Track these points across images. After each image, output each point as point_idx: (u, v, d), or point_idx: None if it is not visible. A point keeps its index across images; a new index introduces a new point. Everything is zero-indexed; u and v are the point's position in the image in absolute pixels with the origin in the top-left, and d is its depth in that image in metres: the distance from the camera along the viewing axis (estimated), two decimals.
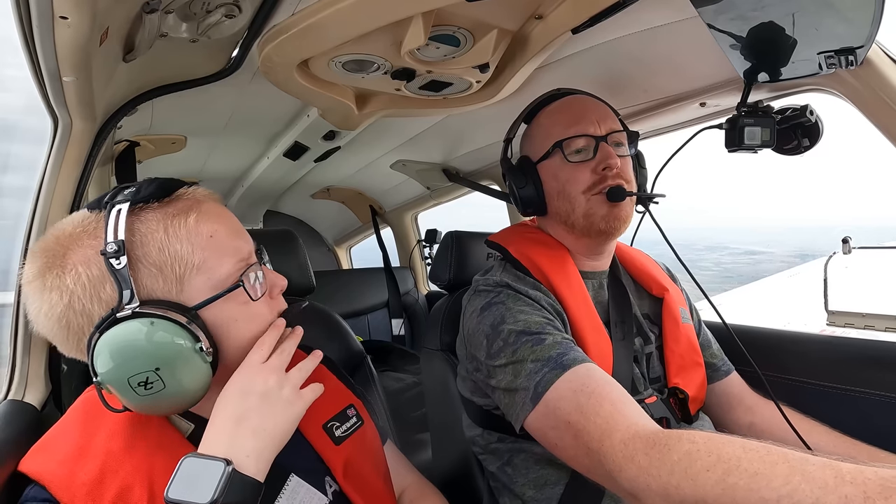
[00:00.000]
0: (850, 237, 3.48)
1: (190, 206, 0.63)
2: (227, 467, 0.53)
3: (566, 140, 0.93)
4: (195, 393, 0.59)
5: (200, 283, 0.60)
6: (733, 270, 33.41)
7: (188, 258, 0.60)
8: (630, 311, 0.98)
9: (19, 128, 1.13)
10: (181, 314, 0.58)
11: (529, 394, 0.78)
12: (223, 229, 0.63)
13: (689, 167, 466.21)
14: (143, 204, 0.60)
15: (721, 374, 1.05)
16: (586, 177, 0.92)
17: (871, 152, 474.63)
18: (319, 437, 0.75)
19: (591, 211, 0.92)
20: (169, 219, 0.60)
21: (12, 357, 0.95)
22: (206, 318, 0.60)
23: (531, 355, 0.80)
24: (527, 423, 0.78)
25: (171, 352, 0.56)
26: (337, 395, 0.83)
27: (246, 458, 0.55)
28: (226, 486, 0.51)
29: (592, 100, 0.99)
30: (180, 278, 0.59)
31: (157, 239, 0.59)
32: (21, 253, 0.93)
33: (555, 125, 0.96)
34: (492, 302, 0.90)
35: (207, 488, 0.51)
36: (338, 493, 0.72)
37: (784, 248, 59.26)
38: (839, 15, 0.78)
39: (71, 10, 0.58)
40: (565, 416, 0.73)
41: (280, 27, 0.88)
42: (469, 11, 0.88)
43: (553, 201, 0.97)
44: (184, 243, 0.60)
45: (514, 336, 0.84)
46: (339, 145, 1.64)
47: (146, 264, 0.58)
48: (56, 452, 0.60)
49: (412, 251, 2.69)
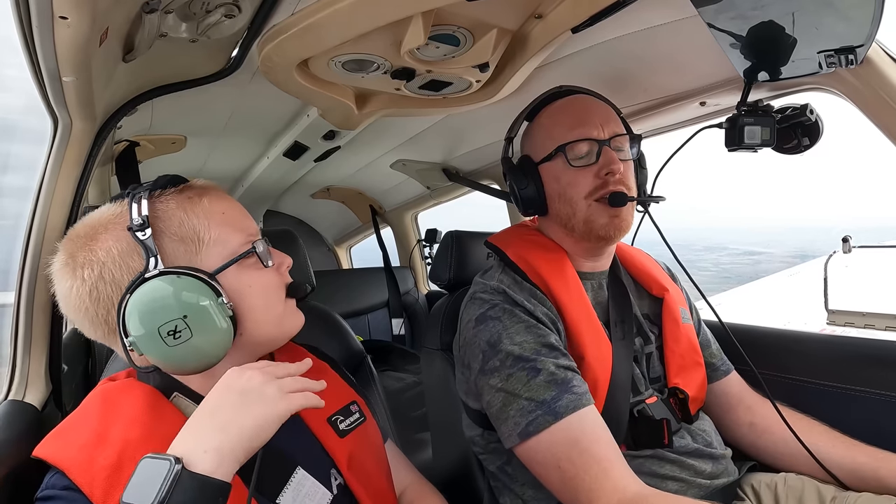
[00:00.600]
0: (851, 236, 3.47)
1: (202, 191, 0.71)
2: (174, 466, 0.50)
3: (569, 144, 0.92)
4: (218, 347, 0.63)
5: (216, 254, 0.67)
6: (732, 271, 33.51)
7: (205, 232, 0.67)
8: (630, 310, 0.98)
9: (19, 128, 1.13)
10: (203, 274, 0.64)
11: (519, 429, 0.81)
12: (233, 209, 0.72)
13: (689, 167, 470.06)
14: (160, 191, 0.68)
15: (720, 373, 1.05)
16: (588, 181, 0.92)
17: (872, 152, 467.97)
18: (324, 430, 0.76)
19: (592, 217, 0.92)
20: (186, 201, 0.69)
21: (13, 357, 0.96)
22: (223, 283, 0.66)
23: (525, 391, 0.82)
24: (514, 450, 0.84)
25: (196, 301, 0.61)
26: (340, 391, 0.84)
27: (203, 454, 0.52)
28: (171, 487, 0.49)
29: (595, 100, 0.98)
30: (198, 250, 0.67)
31: (177, 216, 0.67)
32: (21, 253, 0.93)
33: (557, 126, 0.95)
34: (487, 315, 0.90)
35: (153, 490, 0.49)
36: (342, 487, 0.73)
37: (783, 248, 59.33)
38: (839, 14, 0.78)
39: (71, 10, 0.58)
40: (554, 461, 0.78)
41: (280, 27, 0.88)
42: (469, 11, 0.88)
43: (554, 203, 0.97)
44: (201, 219, 0.68)
45: (510, 360, 0.85)
46: (338, 145, 1.64)
47: (169, 235, 0.66)
48: (75, 439, 0.61)
49: (412, 251, 2.69)
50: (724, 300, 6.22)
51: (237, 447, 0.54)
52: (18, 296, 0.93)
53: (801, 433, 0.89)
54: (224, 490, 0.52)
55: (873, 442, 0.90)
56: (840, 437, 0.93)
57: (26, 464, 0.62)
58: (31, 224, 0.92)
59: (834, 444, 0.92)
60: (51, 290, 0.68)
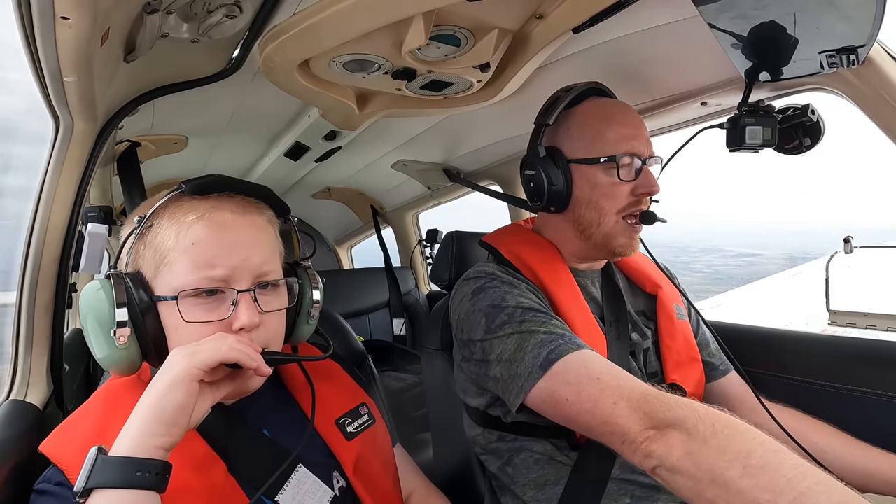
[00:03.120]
0: (852, 237, 3.47)
1: (208, 207, 0.65)
2: (93, 454, 0.53)
3: (623, 157, 0.90)
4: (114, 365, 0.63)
5: (164, 281, 0.64)
6: (724, 272, 33.84)
7: (167, 252, 0.63)
8: (624, 309, 0.98)
9: (21, 129, 1.13)
10: (142, 290, 0.63)
11: (540, 360, 0.77)
12: (211, 244, 0.63)
13: (688, 171, 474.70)
14: (187, 193, 0.66)
15: (719, 373, 1.05)
16: (624, 197, 0.91)
17: (872, 152, 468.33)
18: (331, 432, 0.76)
19: (615, 234, 0.92)
20: (181, 211, 0.65)
21: (14, 357, 0.96)
22: (163, 311, 0.64)
23: (542, 328, 0.81)
24: (534, 389, 0.77)
25: (89, 314, 0.62)
26: (350, 392, 0.84)
27: (125, 438, 0.54)
28: (90, 471, 0.52)
29: (637, 113, 0.97)
30: (160, 267, 0.64)
31: (161, 224, 0.65)
32: (23, 253, 0.93)
33: (609, 131, 0.91)
34: (484, 286, 0.90)
35: (83, 477, 0.52)
36: (344, 490, 0.73)
37: (778, 250, 59.50)
38: (840, 14, 0.78)
39: (72, 10, 0.58)
40: (589, 376, 0.73)
41: (281, 27, 0.88)
42: (470, 11, 0.88)
43: (580, 207, 0.94)
44: (171, 235, 0.64)
45: (520, 311, 0.84)
46: (339, 145, 1.64)
47: (149, 238, 0.65)
48: (75, 436, 0.62)
49: (413, 251, 2.69)
50: (726, 301, 6.22)
51: (157, 428, 0.54)
52: (20, 296, 0.93)
53: (808, 435, 0.89)
54: (146, 465, 0.53)
55: (873, 442, 0.90)
56: (847, 438, 0.92)
57: (28, 464, 0.62)
58: (32, 224, 0.92)
59: (837, 445, 0.92)
60: (53, 290, 0.69)
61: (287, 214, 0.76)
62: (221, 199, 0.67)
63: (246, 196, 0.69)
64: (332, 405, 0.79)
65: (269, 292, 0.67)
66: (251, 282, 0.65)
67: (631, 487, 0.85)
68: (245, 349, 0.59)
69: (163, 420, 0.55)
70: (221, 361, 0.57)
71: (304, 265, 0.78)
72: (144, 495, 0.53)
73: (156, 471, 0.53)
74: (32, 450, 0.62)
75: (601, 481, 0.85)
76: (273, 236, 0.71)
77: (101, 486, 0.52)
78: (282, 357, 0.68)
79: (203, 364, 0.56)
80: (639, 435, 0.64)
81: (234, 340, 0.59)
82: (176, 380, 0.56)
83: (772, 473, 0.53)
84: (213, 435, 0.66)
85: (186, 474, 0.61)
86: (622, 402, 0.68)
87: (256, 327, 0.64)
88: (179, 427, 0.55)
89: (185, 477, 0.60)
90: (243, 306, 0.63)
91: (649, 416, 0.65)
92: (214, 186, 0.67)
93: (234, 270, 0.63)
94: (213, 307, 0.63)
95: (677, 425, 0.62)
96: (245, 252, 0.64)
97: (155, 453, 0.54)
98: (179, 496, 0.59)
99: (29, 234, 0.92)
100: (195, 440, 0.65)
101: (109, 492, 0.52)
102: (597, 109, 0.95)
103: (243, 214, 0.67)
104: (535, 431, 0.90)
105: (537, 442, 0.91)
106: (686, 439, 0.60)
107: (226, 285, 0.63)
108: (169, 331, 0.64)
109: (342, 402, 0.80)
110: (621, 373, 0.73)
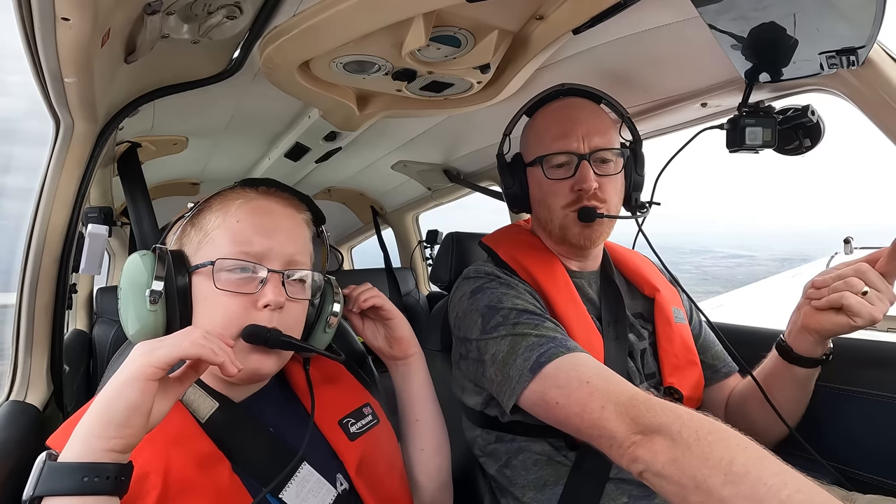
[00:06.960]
0: (853, 237, 3.47)
1: (255, 195, 0.73)
2: (43, 459, 0.51)
3: (548, 156, 0.95)
4: (137, 327, 0.66)
5: (204, 254, 0.68)
6: (711, 273, 34.30)
7: (212, 229, 0.69)
8: (623, 310, 0.98)
9: (22, 131, 1.13)
10: (181, 264, 0.67)
11: (530, 363, 0.78)
12: (253, 223, 0.69)
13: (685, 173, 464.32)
14: (241, 187, 0.73)
15: (720, 375, 1.05)
16: (565, 193, 0.94)
17: (871, 152, 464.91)
18: (334, 433, 0.76)
19: (566, 226, 0.95)
20: (230, 198, 0.71)
21: (14, 358, 0.96)
22: (195, 283, 0.67)
23: (534, 331, 0.82)
24: (525, 392, 0.78)
25: (129, 280, 0.66)
26: (354, 392, 0.84)
27: (73, 442, 0.52)
28: (37, 479, 0.50)
29: (588, 108, 0.98)
30: (201, 242, 0.69)
31: (212, 207, 0.71)
32: (23, 253, 0.93)
33: (543, 133, 0.98)
34: (483, 287, 0.93)
35: (31, 484, 0.50)
36: (347, 491, 0.73)
37: (768, 252, 59.64)
38: (840, 15, 0.78)
39: (72, 11, 0.58)
40: (576, 379, 0.74)
41: (281, 28, 0.88)
42: (470, 12, 0.88)
43: (536, 206, 1.01)
44: (216, 216, 0.70)
45: (515, 313, 0.85)
46: (340, 146, 1.64)
47: (196, 221, 0.71)
48: None
49: (413, 252, 2.69)
50: (727, 301, 6.21)
51: (106, 431, 0.51)
52: (20, 296, 0.93)
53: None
54: (95, 470, 0.50)
55: (873, 442, 0.90)
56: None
57: (28, 464, 0.62)
58: (32, 225, 0.92)
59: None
60: (53, 290, 0.69)
61: (323, 223, 0.81)
62: (269, 192, 0.74)
63: (290, 196, 0.76)
64: (336, 406, 0.79)
65: (296, 284, 0.72)
66: (283, 265, 0.70)
67: (628, 487, 0.85)
68: (211, 344, 0.55)
69: (113, 421, 0.51)
70: (181, 358, 0.54)
71: (328, 278, 0.81)
72: (98, 500, 0.50)
73: (108, 475, 0.50)
74: (32, 450, 0.62)
75: (600, 481, 0.85)
76: (308, 236, 0.76)
77: (49, 493, 0.49)
78: (297, 343, 0.70)
79: (160, 362, 0.53)
80: (626, 440, 0.65)
81: (200, 336, 0.56)
82: (130, 378, 0.52)
83: (752, 482, 0.53)
84: (219, 432, 0.66)
85: (191, 472, 0.61)
86: (610, 406, 0.68)
87: (280, 308, 0.67)
88: (133, 428, 0.52)
89: (189, 475, 0.60)
90: (271, 285, 0.68)
91: (635, 421, 0.65)
92: (264, 183, 0.75)
93: (269, 251, 0.69)
94: (244, 283, 0.67)
95: (662, 431, 0.62)
96: (281, 237, 0.70)
97: (106, 456, 0.51)
98: (184, 494, 0.59)
99: (29, 234, 0.93)
100: (201, 438, 0.65)
101: (59, 499, 0.49)
102: (544, 113, 1.01)
103: (285, 207, 0.74)
104: (532, 431, 0.90)
105: (535, 442, 0.91)
106: (670, 445, 0.60)
107: (259, 262, 0.68)
108: (197, 302, 0.67)
109: (345, 402, 0.80)
110: (611, 376, 0.74)
